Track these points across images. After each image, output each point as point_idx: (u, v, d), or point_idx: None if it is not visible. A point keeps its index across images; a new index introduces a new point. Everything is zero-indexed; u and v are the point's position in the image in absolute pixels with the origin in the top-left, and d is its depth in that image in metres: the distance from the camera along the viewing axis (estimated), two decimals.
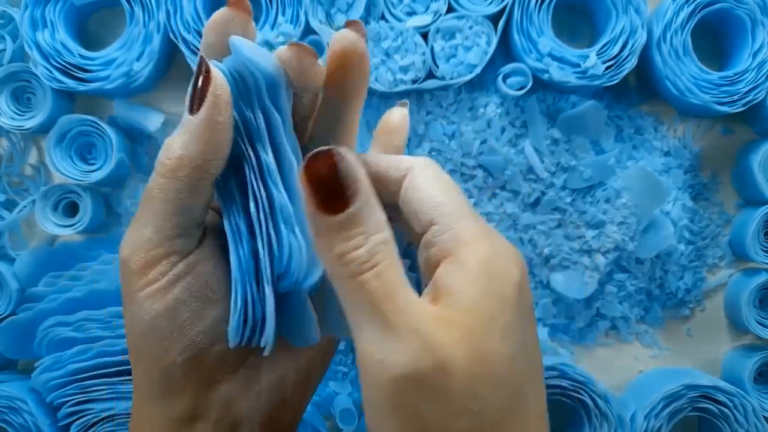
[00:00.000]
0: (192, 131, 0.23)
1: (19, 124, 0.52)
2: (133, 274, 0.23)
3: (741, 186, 0.56)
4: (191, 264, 0.24)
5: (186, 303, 0.23)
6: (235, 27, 0.25)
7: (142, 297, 0.23)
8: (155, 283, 0.23)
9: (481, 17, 0.51)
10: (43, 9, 0.51)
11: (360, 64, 0.26)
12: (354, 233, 0.20)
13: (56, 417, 0.50)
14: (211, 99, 0.23)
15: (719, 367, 0.56)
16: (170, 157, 0.23)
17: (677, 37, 0.51)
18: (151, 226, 0.23)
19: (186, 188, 0.23)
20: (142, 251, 0.23)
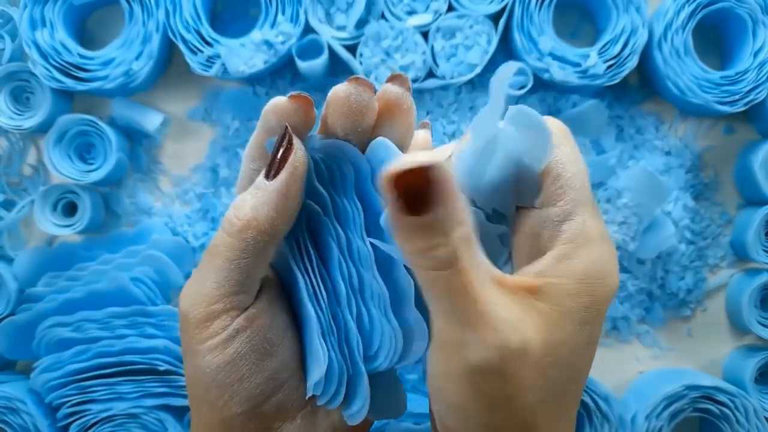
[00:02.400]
0: (266, 197, 0.24)
1: (17, 124, 0.52)
2: (194, 327, 0.24)
3: (742, 186, 0.55)
4: (250, 318, 0.25)
5: (246, 356, 0.24)
6: (298, 118, 0.25)
7: (203, 350, 0.24)
8: (216, 337, 0.24)
9: (482, 16, 0.51)
10: (42, 8, 0.51)
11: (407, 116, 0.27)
12: (437, 232, 0.20)
13: (55, 417, 0.50)
14: (290, 169, 0.24)
15: (720, 367, 0.55)
16: (240, 218, 0.24)
17: (678, 37, 0.51)
18: (213, 281, 0.24)
19: (251, 249, 0.24)
20: (203, 305, 0.24)
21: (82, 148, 0.54)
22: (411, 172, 0.19)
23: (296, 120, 0.25)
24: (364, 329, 0.26)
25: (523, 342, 0.21)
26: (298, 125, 0.26)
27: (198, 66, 0.51)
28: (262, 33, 0.50)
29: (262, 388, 0.25)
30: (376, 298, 0.26)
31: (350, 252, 0.26)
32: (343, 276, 0.26)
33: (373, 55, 0.50)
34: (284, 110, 0.25)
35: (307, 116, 0.26)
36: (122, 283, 0.49)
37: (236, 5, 0.55)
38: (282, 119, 0.25)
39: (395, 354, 0.26)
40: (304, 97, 0.25)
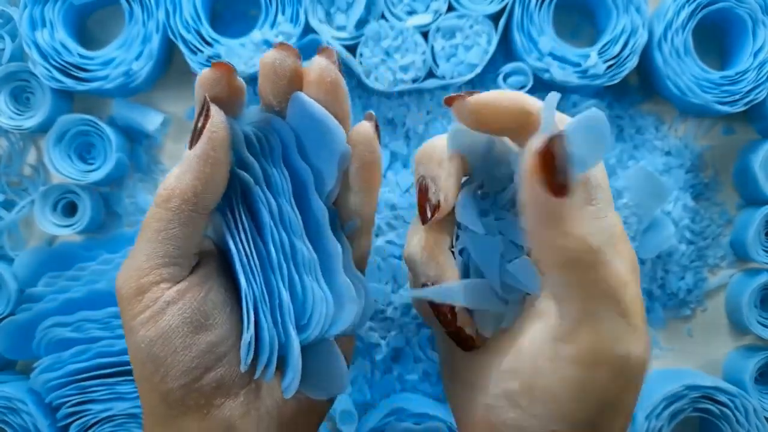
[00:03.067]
0: (187, 165, 0.24)
1: (17, 124, 0.52)
2: (126, 302, 0.24)
3: (742, 186, 0.55)
4: (182, 291, 0.25)
5: (178, 329, 0.24)
6: (221, 86, 0.26)
7: (136, 325, 0.24)
8: (147, 310, 0.24)
9: (482, 16, 0.51)
10: (42, 8, 0.51)
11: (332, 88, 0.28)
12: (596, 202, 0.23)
13: (55, 417, 0.50)
14: (207, 135, 0.24)
15: (720, 367, 0.55)
16: (165, 188, 0.24)
17: (678, 37, 0.51)
18: (143, 254, 0.25)
19: (177, 219, 0.24)
20: (134, 279, 0.24)
21: (82, 148, 0.54)
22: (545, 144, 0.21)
23: (220, 89, 0.26)
24: (296, 297, 0.26)
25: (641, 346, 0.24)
26: (223, 94, 0.26)
27: (198, 66, 0.51)
28: (262, 33, 0.50)
29: (197, 362, 0.24)
30: (307, 265, 0.26)
31: (281, 219, 0.26)
32: (275, 243, 0.26)
33: (373, 55, 0.50)
34: (207, 80, 0.26)
35: (230, 84, 0.26)
36: None
37: (236, 5, 0.55)
38: (206, 89, 0.26)
39: (327, 321, 0.26)
40: (225, 64, 0.26)
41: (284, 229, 0.26)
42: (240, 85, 0.27)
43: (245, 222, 0.26)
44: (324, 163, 0.27)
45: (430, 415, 0.48)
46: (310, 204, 0.27)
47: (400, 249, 0.50)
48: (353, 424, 0.50)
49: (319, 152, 0.27)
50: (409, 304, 0.50)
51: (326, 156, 0.27)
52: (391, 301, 0.50)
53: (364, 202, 0.28)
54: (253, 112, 0.28)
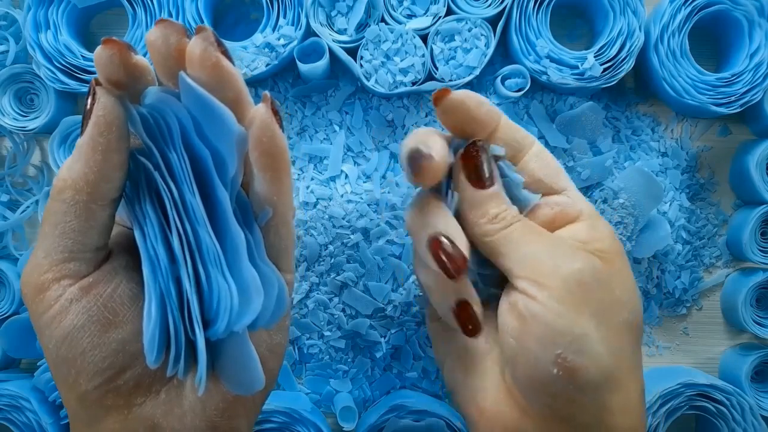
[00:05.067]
0: (76, 153, 0.23)
1: (22, 125, 0.53)
2: (29, 301, 0.23)
3: (738, 186, 0.56)
4: (86, 287, 0.23)
5: (84, 328, 0.23)
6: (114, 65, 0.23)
7: (42, 325, 0.23)
8: (50, 309, 0.23)
9: (480, 20, 0.51)
10: (45, 11, 0.52)
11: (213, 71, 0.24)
12: (501, 201, 0.29)
13: (59, 415, 0.50)
14: (94, 120, 0.22)
15: (716, 365, 0.56)
16: (58, 179, 0.23)
17: (674, 39, 0.51)
18: (42, 250, 0.23)
19: (71, 211, 0.22)
20: (34, 276, 0.23)
21: None
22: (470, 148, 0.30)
23: (113, 69, 0.23)
24: (202, 290, 0.24)
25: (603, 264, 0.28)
26: (117, 74, 0.23)
27: None
28: (264, 36, 0.51)
29: (110, 361, 0.23)
30: (211, 255, 0.24)
31: (184, 207, 0.24)
32: (177, 232, 0.24)
33: (374, 58, 0.51)
34: (99, 59, 0.23)
35: (125, 63, 0.23)
36: None
37: (238, 9, 0.56)
38: (101, 69, 0.23)
39: (233, 314, 0.24)
40: (115, 41, 0.23)
41: (187, 217, 0.24)
42: (139, 63, 0.24)
43: (149, 211, 0.24)
44: (222, 146, 0.24)
45: (430, 412, 0.48)
46: (214, 190, 0.25)
47: (400, 248, 0.50)
48: (353, 421, 0.51)
49: (215, 135, 0.24)
50: (408, 302, 0.51)
51: (222, 139, 0.24)
52: (392, 300, 0.50)
53: (272, 191, 0.25)
54: (152, 93, 0.25)
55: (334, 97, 0.54)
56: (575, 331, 0.26)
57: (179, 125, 0.25)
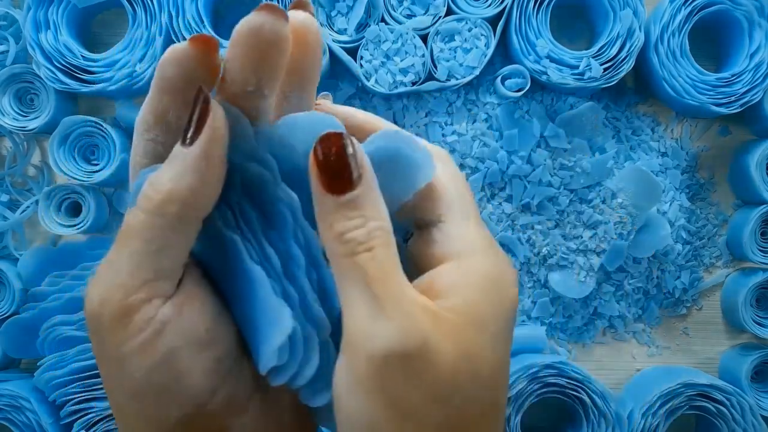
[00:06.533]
0: (185, 165, 0.21)
1: (22, 125, 0.53)
2: (110, 328, 0.21)
3: (738, 186, 0.56)
4: (179, 305, 0.21)
5: (181, 350, 0.21)
6: (204, 65, 0.22)
7: (127, 353, 0.21)
8: (140, 334, 0.20)
9: (480, 19, 0.51)
10: (45, 11, 0.52)
11: (316, 45, 0.24)
12: (355, 214, 0.21)
13: (59, 415, 0.50)
14: (209, 132, 0.21)
15: (716, 365, 0.56)
16: (159, 191, 0.21)
17: (674, 39, 0.51)
18: (127, 269, 0.21)
19: (173, 226, 0.21)
20: (117, 299, 0.20)
21: (86, 149, 0.54)
22: (326, 140, 0.20)
23: (201, 69, 0.22)
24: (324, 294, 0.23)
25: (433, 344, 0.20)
26: (204, 75, 0.22)
27: None
28: None
29: (205, 384, 0.21)
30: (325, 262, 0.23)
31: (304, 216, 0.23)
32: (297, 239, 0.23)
33: (374, 58, 0.51)
34: (185, 57, 0.22)
35: (213, 62, 0.22)
36: None
37: (238, 8, 0.56)
38: (184, 68, 0.22)
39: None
40: (208, 37, 0.22)
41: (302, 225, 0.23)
42: (219, 62, 0.22)
43: (252, 216, 0.23)
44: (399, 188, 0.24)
45: None
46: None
47: None
48: None
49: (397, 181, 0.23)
50: None
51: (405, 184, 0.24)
52: None
53: None
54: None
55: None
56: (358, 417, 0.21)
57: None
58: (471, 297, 0.22)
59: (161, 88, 0.22)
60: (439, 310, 0.21)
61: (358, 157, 0.21)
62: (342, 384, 0.21)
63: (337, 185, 0.21)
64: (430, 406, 0.20)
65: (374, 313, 0.20)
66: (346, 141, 0.21)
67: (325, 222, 0.21)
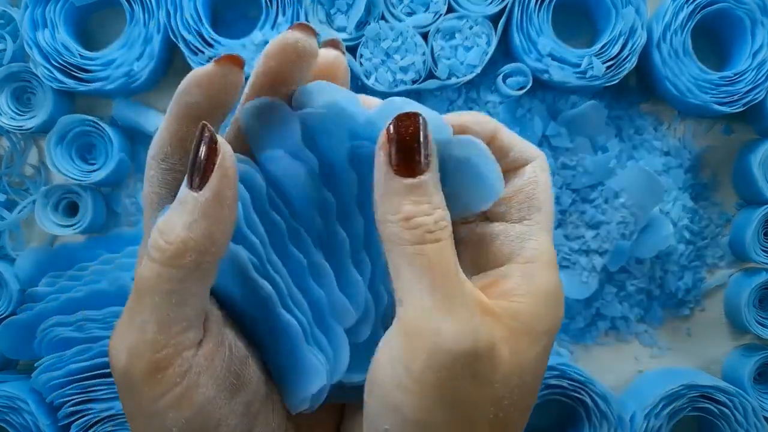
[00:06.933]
0: (198, 210, 0.20)
1: (19, 124, 0.52)
2: (142, 386, 0.20)
3: (741, 186, 0.56)
4: (209, 355, 0.21)
5: (216, 399, 0.21)
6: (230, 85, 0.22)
7: (162, 408, 0.20)
8: (175, 388, 0.20)
9: (481, 17, 0.51)
10: (43, 9, 0.51)
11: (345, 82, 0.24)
12: (423, 200, 0.20)
13: (56, 417, 0.50)
14: (220, 173, 0.20)
15: (719, 367, 0.56)
16: (172, 242, 0.20)
17: (677, 37, 0.51)
18: (153, 324, 0.20)
19: (193, 275, 0.20)
20: (147, 355, 0.20)
21: (83, 148, 0.54)
22: (404, 119, 0.20)
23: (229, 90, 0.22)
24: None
25: (497, 347, 0.20)
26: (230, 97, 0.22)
27: (199, 67, 0.51)
28: (263, 34, 0.51)
29: (241, 428, 0.21)
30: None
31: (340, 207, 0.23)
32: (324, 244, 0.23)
33: (374, 56, 0.50)
34: (210, 78, 0.21)
35: (239, 81, 0.22)
36: (123, 282, 0.50)
37: (237, 6, 0.55)
38: (209, 91, 0.21)
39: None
40: (234, 56, 0.21)
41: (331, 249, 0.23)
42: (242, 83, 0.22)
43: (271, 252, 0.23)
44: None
45: None
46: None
47: None
48: None
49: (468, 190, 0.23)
50: None
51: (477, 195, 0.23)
52: None
53: None
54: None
55: None
56: (410, 414, 0.20)
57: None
58: (534, 309, 0.21)
59: (183, 115, 0.22)
60: (499, 312, 0.21)
61: (429, 142, 0.20)
62: (388, 373, 0.20)
63: (408, 167, 0.20)
64: (486, 407, 0.20)
65: (441, 306, 0.20)
66: (424, 123, 0.20)
67: (389, 204, 0.20)
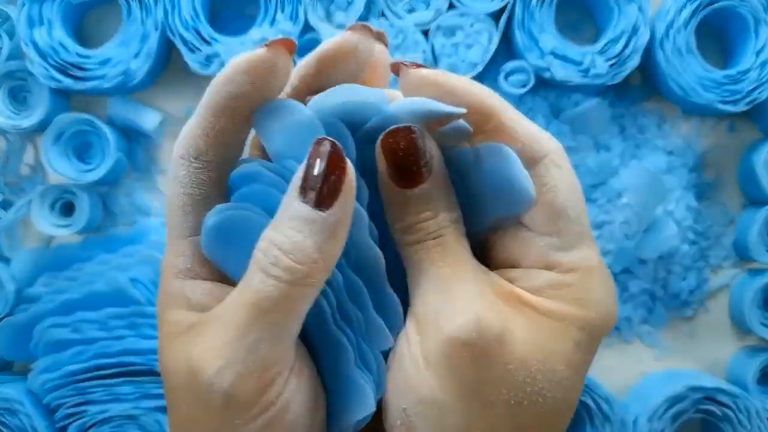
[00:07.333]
0: (326, 230, 0.19)
1: (15, 123, 0.52)
2: (241, 407, 0.19)
3: (745, 186, 0.55)
4: (298, 374, 0.21)
5: (304, 417, 0.21)
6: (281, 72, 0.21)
7: (253, 429, 0.20)
8: (272, 408, 0.20)
9: (483, 14, 0.51)
10: (39, 7, 0.51)
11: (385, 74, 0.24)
12: (425, 208, 0.21)
13: (53, 419, 0.50)
14: (348, 194, 0.20)
15: (723, 368, 0.55)
16: (303, 263, 0.19)
17: (680, 36, 0.51)
18: (267, 342, 0.19)
19: (311, 294, 0.20)
20: (256, 375, 0.19)
21: (79, 147, 0.53)
22: (394, 134, 0.20)
23: (277, 78, 0.21)
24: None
25: (507, 330, 0.20)
26: (278, 84, 0.21)
27: (197, 65, 0.51)
28: (261, 31, 0.50)
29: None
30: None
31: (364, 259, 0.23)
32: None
33: None
34: (260, 64, 0.20)
35: (289, 68, 0.21)
36: (120, 283, 0.49)
37: (235, 3, 0.55)
38: (256, 79, 0.20)
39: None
40: (287, 40, 0.21)
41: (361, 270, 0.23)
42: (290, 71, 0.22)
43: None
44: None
45: None
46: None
47: None
48: None
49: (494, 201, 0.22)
50: None
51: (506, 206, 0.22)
52: None
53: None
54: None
55: None
56: (425, 393, 0.20)
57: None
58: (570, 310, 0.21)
59: (223, 107, 0.21)
60: (526, 297, 0.21)
61: (428, 151, 0.21)
62: (406, 359, 0.21)
63: (407, 179, 0.21)
64: (498, 389, 0.20)
65: (443, 296, 0.20)
66: (416, 135, 0.20)
67: (393, 214, 0.22)
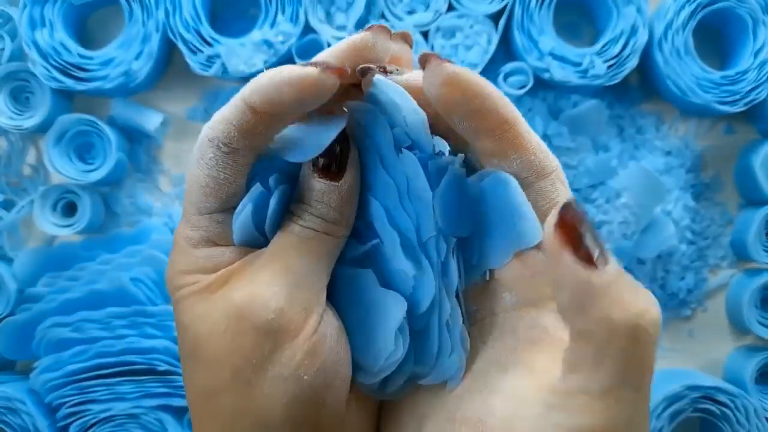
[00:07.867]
0: (342, 197, 0.23)
1: (17, 124, 0.52)
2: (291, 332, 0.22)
3: (743, 186, 0.55)
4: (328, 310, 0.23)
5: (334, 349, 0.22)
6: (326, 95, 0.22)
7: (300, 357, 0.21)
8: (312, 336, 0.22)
9: (482, 16, 0.51)
10: (41, 8, 0.51)
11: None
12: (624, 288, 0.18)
13: (55, 418, 0.50)
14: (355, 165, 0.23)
15: (721, 367, 0.55)
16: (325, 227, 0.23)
17: (679, 37, 0.51)
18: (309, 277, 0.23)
19: (340, 245, 0.23)
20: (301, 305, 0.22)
21: (81, 148, 0.54)
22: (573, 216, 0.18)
23: (323, 100, 0.22)
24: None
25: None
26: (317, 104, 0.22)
27: (198, 66, 0.51)
28: (262, 33, 0.50)
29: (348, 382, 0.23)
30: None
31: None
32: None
33: None
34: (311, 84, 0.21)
35: (331, 94, 0.22)
36: (122, 283, 0.49)
37: (236, 5, 0.55)
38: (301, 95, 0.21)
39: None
40: (341, 69, 0.22)
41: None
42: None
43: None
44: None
45: None
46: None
47: None
48: None
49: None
50: None
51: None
52: None
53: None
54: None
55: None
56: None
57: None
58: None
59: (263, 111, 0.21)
60: None
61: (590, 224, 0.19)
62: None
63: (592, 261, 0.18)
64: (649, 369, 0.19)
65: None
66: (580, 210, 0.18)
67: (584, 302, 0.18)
